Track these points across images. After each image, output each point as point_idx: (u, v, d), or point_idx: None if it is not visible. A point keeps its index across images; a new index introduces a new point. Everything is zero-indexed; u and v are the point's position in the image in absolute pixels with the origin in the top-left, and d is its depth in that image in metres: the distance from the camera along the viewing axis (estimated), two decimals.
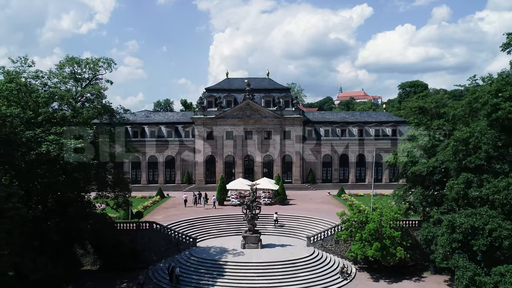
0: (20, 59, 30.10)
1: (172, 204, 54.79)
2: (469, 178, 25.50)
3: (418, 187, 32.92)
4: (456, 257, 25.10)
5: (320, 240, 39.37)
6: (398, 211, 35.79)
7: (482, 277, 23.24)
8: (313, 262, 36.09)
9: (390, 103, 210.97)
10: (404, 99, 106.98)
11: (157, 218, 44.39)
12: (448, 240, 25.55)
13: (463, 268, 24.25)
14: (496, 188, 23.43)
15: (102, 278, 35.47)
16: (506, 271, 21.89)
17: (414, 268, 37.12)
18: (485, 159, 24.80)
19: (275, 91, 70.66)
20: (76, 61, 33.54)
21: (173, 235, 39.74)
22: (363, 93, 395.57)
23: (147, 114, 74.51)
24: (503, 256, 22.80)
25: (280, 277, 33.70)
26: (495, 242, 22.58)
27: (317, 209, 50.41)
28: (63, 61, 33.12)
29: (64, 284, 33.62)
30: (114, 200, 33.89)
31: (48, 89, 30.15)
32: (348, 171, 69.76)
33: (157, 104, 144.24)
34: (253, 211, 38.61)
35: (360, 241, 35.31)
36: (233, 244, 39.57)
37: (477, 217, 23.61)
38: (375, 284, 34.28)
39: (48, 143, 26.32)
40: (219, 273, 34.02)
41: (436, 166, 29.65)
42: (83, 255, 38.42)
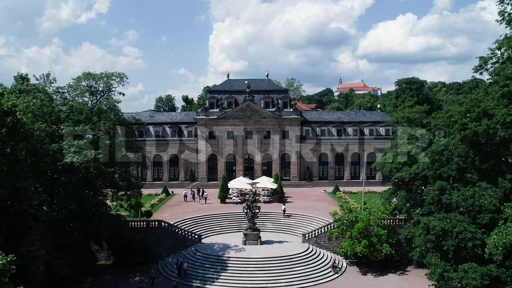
0: (43, 76, 33.37)
1: (177, 201, 58.41)
2: (443, 185, 29.00)
3: (402, 190, 36.49)
4: (430, 255, 28.79)
5: (314, 237, 43.03)
6: (385, 211, 39.45)
7: (450, 273, 26.95)
8: (307, 258, 39.78)
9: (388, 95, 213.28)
10: (400, 95, 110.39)
11: (164, 216, 48.04)
12: (423, 240, 29.20)
13: (435, 265, 27.97)
14: (464, 196, 26.91)
15: (116, 272, 39.21)
16: (469, 268, 25.56)
17: (400, 263, 40.85)
18: (456, 170, 28.24)
19: (274, 92, 73.92)
20: (92, 76, 36.83)
21: (180, 233, 43.38)
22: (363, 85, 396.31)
23: (151, 114, 77.76)
24: (468, 255, 26.34)
25: (278, 271, 37.40)
26: (461, 243, 26.13)
27: (312, 206, 54.04)
28: (80, 75, 36.44)
29: (84, 277, 37.38)
30: (127, 202, 37.44)
31: (68, 102, 33.45)
32: (344, 169, 73.38)
33: (159, 99, 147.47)
34: (253, 210, 42.18)
35: (350, 238, 38.95)
36: (234, 240, 43.23)
37: (447, 221, 27.14)
38: (363, 277, 38.03)
39: (72, 154, 29.76)
40: (222, 267, 37.73)
41: (417, 173, 33.14)
42: (98, 251, 42.11)
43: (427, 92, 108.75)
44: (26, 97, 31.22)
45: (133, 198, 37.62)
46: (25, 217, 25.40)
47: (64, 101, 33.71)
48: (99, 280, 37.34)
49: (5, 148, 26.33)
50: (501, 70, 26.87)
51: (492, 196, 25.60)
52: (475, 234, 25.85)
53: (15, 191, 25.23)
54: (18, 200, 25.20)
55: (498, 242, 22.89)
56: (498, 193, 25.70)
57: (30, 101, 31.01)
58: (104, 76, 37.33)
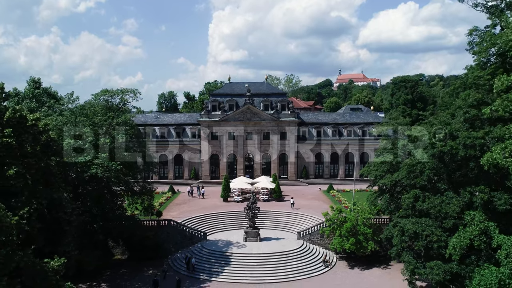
0: (68, 95, 37.83)
1: (183, 200, 63.23)
2: (417, 193, 33.60)
3: (385, 194, 41.19)
4: (404, 254, 33.63)
5: (308, 235, 47.86)
6: (371, 211, 44.23)
7: (420, 269, 31.84)
8: (302, 253, 44.63)
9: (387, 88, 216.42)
10: (396, 93, 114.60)
11: (173, 215, 52.86)
12: (399, 241, 34.02)
13: (407, 263, 32.88)
14: (433, 204, 31.55)
15: (131, 266, 44.04)
16: (434, 265, 30.35)
17: (384, 258, 45.61)
18: (427, 181, 32.90)
19: (273, 96, 78.35)
20: (109, 92, 41.27)
21: (187, 230, 48.19)
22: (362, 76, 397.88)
23: (156, 115, 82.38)
24: (434, 254, 31.11)
25: (275, 265, 42.26)
26: (429, 244, 30.88)
27: (307, 205, 58.83)
28: (98, 92, 40.95)
29: (103, 270, 42.23)
30: (141, 205, 42.21)
31: (90, 119, 37.97)
32: (338, 167, 78.23)
33: (161, 96, 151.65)
34: (253, 211, 46.92)
35: (339, 236, 43.71)
36: (236, 237, 48.05)
37: (418, 225, 31.85)
38: (350, 271, 42.94)
39: (96, 166, 34.36)
40: (226, 262, 42.58)
41: (398, 180, 37.77)
42: (114, 247, 46.91)
43: (421, 90, 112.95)
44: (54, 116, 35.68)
45: (146, 201, 42.34)
46: (61, 223, 30.12)
47: (86, 118, 38.14)
48: (117, 273, 42.20)
49: (41, 163, 30.84)
50: (471, 71, 31.31)
51: (455, 205, 30.28)
52: (440, 237, 30.62)
53: (52, 201, 29.85)
54: (55, 208, 29.87)
55: (456, 244, 27.59)
56: (460, 202, 30.36)
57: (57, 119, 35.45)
58: (120, 92, 41.74)
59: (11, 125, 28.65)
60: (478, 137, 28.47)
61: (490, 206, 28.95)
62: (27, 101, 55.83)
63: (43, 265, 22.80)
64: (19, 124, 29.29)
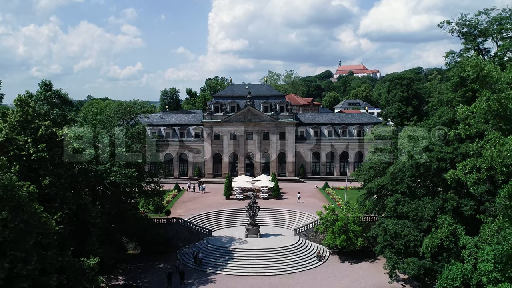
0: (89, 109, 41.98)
1: (188, 198, 67.88)
2: (398, 198, 38.14)
3: (373, 196, 45.73)
4: (387, 251, 38.34)
5: (304, 231, 52.55)
6: (361, 211, 48.84)
7: (399, 265, 36.60)
8: (298, 248, 49.34)
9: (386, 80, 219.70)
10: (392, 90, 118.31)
11: (180, 213, 57.55)
12: (383, 239, 38.71)
13: (389, 259, 37.63)
14: (411, 208, 36.13)
15: (144, 260, 48.80)
16: (411, 262, 35.09)
17: (372, 253, 50.08)
18: (406, 187, 37.46)
19: (272, 97, 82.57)
20: (123, 105, 45.62)
21: (194, 228, 52.86)
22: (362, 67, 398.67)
23: (161, 116, 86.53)
24: (411, 252, 35.79)
25: (273, 260, 46.99)
26: (407, 243, 35.56)
27: (304, 203, 63.44)
28: (114, 106, 45.29)
29: (118, 264, 46.96)
30: (153, 205, 46.86)
31: (108, 131, 42.32)
32: (334, 165, 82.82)
33: (164, 92, 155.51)
34: (254, 210, 51.51)
35: (332, 233, 48.37)
36: (238, 234, 52.74)
37: (398, 226, 36.45)
38: (341, 265, 47.69)
39: (115, 173, 38.82)
40: (229, 257, 47.29)
41: (383, 184, 42.24)
42: (127, 243, 51.64)
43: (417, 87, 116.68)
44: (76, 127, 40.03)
45: (157, 202, 47.00)
46: (87, 225, 34.70)
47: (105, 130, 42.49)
48: (131, 267, 46.96)
49: (69, 172, 35.29)
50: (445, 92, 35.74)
51: (430, 209, 34.82)
52: (417, 237, 35.24)
53: (79, 206, 34.40)
54: (82, 212, 34.43)
55: (428, 244, 32.18)
56: (434, 207, 34.90)
57: (80, 131, 39.80)
58: (131, 104, 46.08)
59: (43, 141, 33.05)
60: (448, 152, 32.91)
61: (458, 211, 33.49)
62: (40, 103, 60.13)
63: (81, 263, 27.36)
64: (50, 139, 33.68)
